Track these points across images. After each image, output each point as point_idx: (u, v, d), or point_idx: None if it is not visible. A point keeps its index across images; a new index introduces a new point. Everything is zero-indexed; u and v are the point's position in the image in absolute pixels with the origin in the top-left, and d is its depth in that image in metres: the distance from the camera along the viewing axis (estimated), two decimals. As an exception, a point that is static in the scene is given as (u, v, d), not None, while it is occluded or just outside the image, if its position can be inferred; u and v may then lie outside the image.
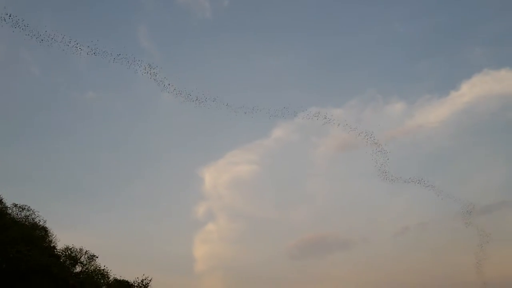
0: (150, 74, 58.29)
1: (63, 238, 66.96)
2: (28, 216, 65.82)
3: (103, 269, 66.73)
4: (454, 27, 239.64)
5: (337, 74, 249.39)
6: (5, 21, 47.58)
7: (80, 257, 65.03)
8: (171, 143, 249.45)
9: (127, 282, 70.31)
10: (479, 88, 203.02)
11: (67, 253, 63.98)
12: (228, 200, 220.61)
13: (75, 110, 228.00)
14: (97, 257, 66.60)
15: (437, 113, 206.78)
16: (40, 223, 66.30)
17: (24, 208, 66.30)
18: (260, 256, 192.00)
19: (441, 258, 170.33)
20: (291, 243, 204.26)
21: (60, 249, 64.35)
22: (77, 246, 65.78)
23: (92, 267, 65.57)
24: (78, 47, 53.06)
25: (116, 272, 70.60)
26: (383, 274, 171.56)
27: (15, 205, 65.90)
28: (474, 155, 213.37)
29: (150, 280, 71.41)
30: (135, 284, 70.49)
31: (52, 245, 64.11)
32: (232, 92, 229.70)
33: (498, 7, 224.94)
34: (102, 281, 66.24)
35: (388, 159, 66.63)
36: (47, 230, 66.17)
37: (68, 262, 63.13)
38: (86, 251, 65.85)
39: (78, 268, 64.35)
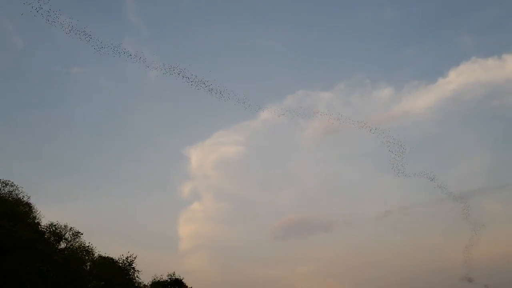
0: (135, 55, 56.96)
1: (47, 215, 66.76)
2: (12, 191, 65.05)
3: (88, 246, 66.99)
4: (444, 14, 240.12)
5: (326, 57, 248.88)
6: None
7: (65, 233, 65.00)
8: (158, 122, 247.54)
9: (111, 259, 70.77)
10: (466, 76, 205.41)
11: (51, 230, 63.85)
12: (214, 180, 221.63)
13: (59, 85, 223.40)
14: (82, 234, 66.73)
15: (424, 100, 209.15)
16: (24, 199, 65.67)
17: (8, 184, 65.39)
18: (245, 236, 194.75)
19: (421, 241, 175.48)
20: (276, 224, 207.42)
21: (44, 226, 64.15)
22: (62, 222, 65.82)
23: (76, 244, 65.72)
24: (60, 21, 51.15)
25: (101, 249, 71.00)
26: (365, 255, 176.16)
27: (-1, 180, 64.90)
28: (459, 142, 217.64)
29: (135, 258, 72.07)
30: (120, 261, 71.04)
31: (36, 221, 63.76)
32: (221, 72, 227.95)
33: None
34: (86, 257, 66.55)
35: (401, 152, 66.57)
36: (31, 206, 65.66)
37: (52, 238, 63.08)
38: (71, 227, 65.90)
39: (62, 245, 64.40)
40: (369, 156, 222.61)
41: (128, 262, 71.44)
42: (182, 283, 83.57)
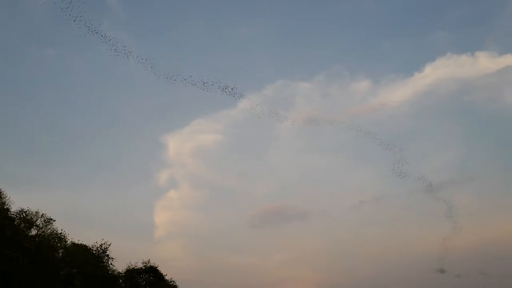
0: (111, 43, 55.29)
1: (18, 201, 64.65)
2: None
3: (61, 233, 65.62)
4: (422, 10, 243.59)
5: (306, 48, 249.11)
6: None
7: (36, 220, 63.36)
8: (136, 108, 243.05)
9: (85, 246, 69.78)
10: (441, 71, 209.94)
11: (21, 216, 62.10)
12: (191, 168, 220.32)
13: (32, 67, 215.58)
14: (54, 220, 65.19)
15: (400, 93, 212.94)
16: (-7, 184, 63.33)
17: (-26, 168, 63.02)
18: (221, 224, 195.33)
19: (394, 231, 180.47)
20: (252, 212, 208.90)
21: (14, 212, 62.26)
22: (33, 209, 64.06)
23: (48, 231, 64.19)
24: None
25: (74, 236, 69.71)
26: (339, 244, 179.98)
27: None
28: (432, 135, 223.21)
29: (109, 245, 71.34)
30: (94, 249, 70.15)
31: (5, 207, 61.84)
32: (200, 60, 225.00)
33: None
34: (59, 244, 65.25)
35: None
36: (1, 192, 63.58)
37: (22, 225, 61.39)
38: (43, 214, 64.22)
39: (33, 232, 62.78)
40: (346, 148, 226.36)
41: (102, 249, 70.65)
42: (157, 270, 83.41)
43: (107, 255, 71.09)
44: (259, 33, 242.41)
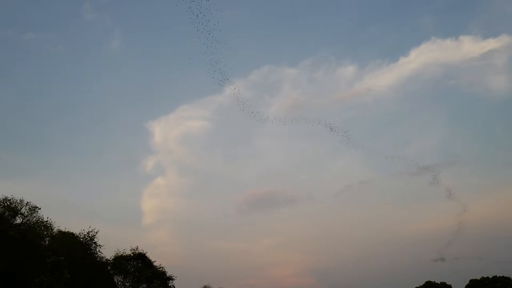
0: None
1: (1, 189, 63.57)
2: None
3: (46, 221, 64.73)
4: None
5: (292, 32, 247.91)
6: None
7: (21, 208, 62.30)
8: (120, 94, 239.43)
9: (72, 234, 69.06)
10: (426, 55, 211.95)
11: (5, 204, 60.96)
12: (178, 155, 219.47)
13: (12, 52, 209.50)
14: (40, 208, 64.21)
15: (385, 78, 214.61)
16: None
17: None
18: (209, 211, 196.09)
19: (379, 213, 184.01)
20: (240, 199, 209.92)
21: (-1, 200, 61.10)
22: (17, 197, 62.89)
23: (34, 219, 63.25)
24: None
25: (60, 224, 68.95)
26: (326, 228, 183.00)
27: None
28: (417, 119, 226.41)
29: (96, 232, 70.72)
30: (81, 236, 69.51)
31: (-12, 196, 60.64)
32: (184, 44, 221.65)
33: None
34: (45, 233, 64.45)
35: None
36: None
37: (7, 213, 60.32)
38: (27, 202, 63.14)
39: (18, 220, 61.76)
40: (332, 133, 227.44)
41: (89, 237, 70.02)
42: (145, 257, 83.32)
43: (95, 243, 70.55)
44: (244, 19, 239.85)
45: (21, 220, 61.80)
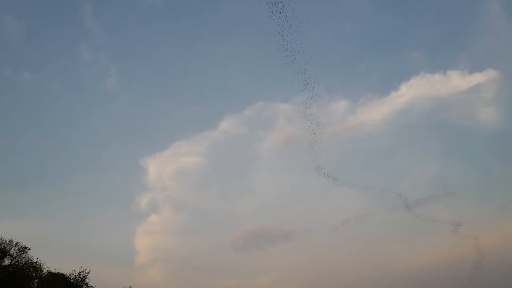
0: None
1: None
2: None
3: (36, 262, 62.84)
4: (395, 30, 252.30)
5: (285, 69, 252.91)
6: None
7: (10, 249, 60.62)
8: (115, 132, 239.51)
9: (62, 275, 66.89)
10: (416, 89, 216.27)
11: (-6, 245, 59.36)
12: (173, 192, 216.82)
13: (8, 92, 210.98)
14: (29, 249, 62.49)
15: (378, 111, 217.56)
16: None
17: None
18: (204, 248, 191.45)
19: (377, 248, 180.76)
20: (235, 235, 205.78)
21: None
22: (6, 237, 61.33)
23: (23, 260, 61.41)
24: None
25: (50, 264, 66.75)
26: (324, 264, 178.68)
27: None
28: (410, 152, 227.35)
29: (88, 273, 68.60)
30: (72, 277, 67.33)
31: (-23, 237, 59.11)
32: (180, 80, 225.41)
33: (436, 15, 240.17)
34: (34, 274, 62.40)
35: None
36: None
37: (-5, 254, 58.63)
38: (17, 242, 61.51)
39: (7, 261, 59.94)
40: (328, 167, 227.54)
41: (80, 277, 67.81)
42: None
43: (86, 284, 68.19)
44: (238, 55, 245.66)
45: (10, 261, 60.02)
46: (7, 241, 60.88)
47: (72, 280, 66.84)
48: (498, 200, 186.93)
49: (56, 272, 66.67)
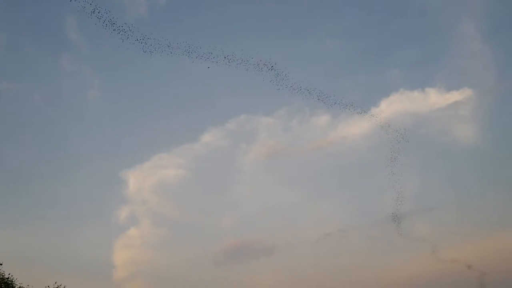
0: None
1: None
2: None
3: (8, 278, 60.33)
4: (376, 49, 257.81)
5: (267, 83, 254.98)
6: None
7: (-20, 264, 58.10)
8: (96, 143, 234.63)
9: (35, 291, 64.40)
10: (395, 106, 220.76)
11: (-36, 260, 56.83)
12: (153, 205, 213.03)
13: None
14: (1, 264, 60.09)
15: (358, 127, 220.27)
16: None
17: None
18: (184, 262, 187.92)
19: (360, 262, 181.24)
20: (216, 249, 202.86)
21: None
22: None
23: (-6, 276, 58.96)
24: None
25: (23, 280, 64.08)
26: (306, 279, 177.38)
27: None
28: (391, 167, 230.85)
29: (62, 289, 66.25)
30: (45, 294, 64.86)
31: None
32: (161, 92, 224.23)
33: (415, 36, 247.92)
34: (5, 290, 59.87)
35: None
36: None
37: (-36, 270, 56.07)
38: (-12, 257, 59.09)
39: (-24, 277, 57.42)
40: (309, 180, 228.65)
41: (54, 294, 65.43)
42: (116, 315, 78.23)
43: (60, 300, 65.86)
44: (220, 69, 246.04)
45: (-20, 277, 57.47)
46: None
47: (45, 297, 64.42)
48: (476, 215, 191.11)
49: (29, 288, 64.25)
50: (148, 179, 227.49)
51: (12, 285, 60.85)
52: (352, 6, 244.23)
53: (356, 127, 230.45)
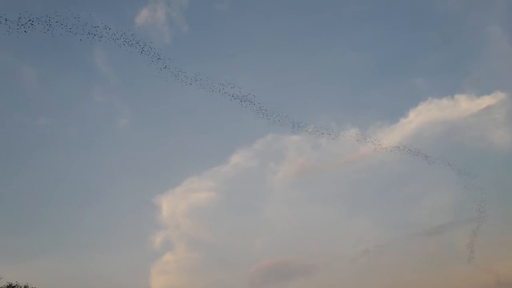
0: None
1: (6, 275, 61.83)
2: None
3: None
4: (400, 58, 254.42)
5: (292, 101, 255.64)
6: None
7: (25, 294, 60.08)
8: (127, 170, 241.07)
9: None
10: (424, 115, 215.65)
11: (10, 291, 58.94)
12: (186, 229, 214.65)
13: (25, 137, 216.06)
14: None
15: (388, 139, 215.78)
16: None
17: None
18: (220, 285, 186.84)
19: (399, 278, 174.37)
20: (252, 271, 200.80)
21: (3, 287, 59.21)
22: (21, 283, 61.08)
23: (37, 305, 60.70)
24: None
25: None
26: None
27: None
28: (425, 178, 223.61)
29: (103, 317, 67.23)
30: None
31: (-7, 284, 58.78)
32: (191, 117, 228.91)
33: (439, 42, 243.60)
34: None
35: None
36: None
37: (11, 301, 58.09)
38: (32, 288, 61.13)
39: (22, 306, 59.28)
40: (342, 196, 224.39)
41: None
42: None
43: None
44: (244, 89, 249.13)
45: (25, 306, 59.31)
46: (23, 287, 60.56)
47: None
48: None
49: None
50: (180, 203, 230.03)
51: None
52: (369, 17, 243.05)
53: (386, 139, 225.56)
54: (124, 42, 54.17)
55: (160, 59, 57.66)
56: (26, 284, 60.75)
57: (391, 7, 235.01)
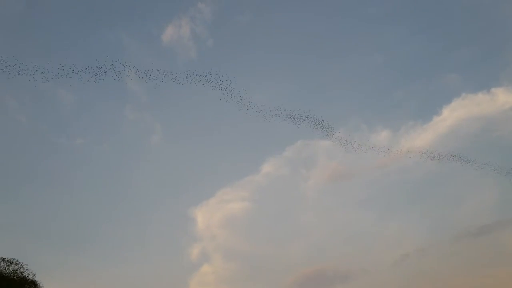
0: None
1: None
2: (17, 270, 63.44)
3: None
4: (428, 54, 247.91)
5: (320, 105, 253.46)
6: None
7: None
8: (162, 185, 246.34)
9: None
10: (459, 111, 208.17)
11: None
12: (222, 240, 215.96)
13: (63, 157, 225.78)
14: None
15: (422, 138, 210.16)
16: (29, 276, 63.90)
17: (12, 262, 64.05)
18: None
19: (444, 283, 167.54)
20: (290, 279, 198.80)
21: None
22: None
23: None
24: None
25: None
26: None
27: (3, 259, 63.79)
28: (463, 177, 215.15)
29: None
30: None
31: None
32: (219, 129, 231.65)
33: (468, 35, 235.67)
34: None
35: None
36: (37, 284, 63.66)
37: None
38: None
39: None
40: (377, 200, 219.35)
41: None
42: None
43: None
44: (272, 97, 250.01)
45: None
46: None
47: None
48: None
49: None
50: (215, 214, 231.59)
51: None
52: (393, 16, 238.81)
53: (420, 139, 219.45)
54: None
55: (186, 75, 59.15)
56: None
57: (415, 6, 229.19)
